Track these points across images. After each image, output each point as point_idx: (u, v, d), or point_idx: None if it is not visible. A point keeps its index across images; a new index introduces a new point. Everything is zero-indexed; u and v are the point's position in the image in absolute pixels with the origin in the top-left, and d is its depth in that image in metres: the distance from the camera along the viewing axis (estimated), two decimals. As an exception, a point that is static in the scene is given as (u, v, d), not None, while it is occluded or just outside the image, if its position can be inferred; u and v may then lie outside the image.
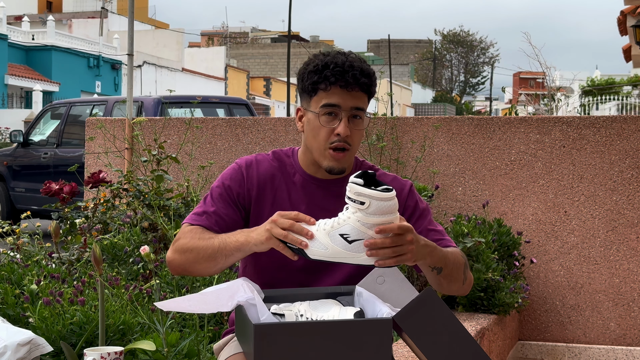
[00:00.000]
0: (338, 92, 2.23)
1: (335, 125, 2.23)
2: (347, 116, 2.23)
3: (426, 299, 1.92)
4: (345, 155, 2.25)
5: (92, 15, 40.48)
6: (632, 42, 15.02)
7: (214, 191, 2.31)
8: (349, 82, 2.22)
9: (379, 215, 1.94)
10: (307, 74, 2.27)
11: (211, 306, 2.02)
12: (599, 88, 27.21)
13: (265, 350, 1.88)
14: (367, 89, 2.26)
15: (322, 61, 2.25)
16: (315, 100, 2.26)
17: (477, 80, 73.16)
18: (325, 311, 2.04)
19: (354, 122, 2.25)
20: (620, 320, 4.93)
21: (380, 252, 1.95)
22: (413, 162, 5.20)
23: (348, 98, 2.23)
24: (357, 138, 2.27)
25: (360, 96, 2.25)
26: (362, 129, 2.27)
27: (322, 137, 2.25)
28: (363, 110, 2.26)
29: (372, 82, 2.27)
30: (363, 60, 2.30)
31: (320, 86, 2.24)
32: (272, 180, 2.32)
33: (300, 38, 58.18)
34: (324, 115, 2.24)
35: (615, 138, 4.94)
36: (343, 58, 2.25)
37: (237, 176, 2.32)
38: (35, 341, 2.50)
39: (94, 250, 2.50)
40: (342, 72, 2.22)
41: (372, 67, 2.34)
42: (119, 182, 4.57)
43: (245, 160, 2.35)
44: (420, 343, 1.91)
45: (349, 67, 2.22)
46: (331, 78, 2.22)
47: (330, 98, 2.23)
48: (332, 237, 1.97)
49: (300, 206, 2.29)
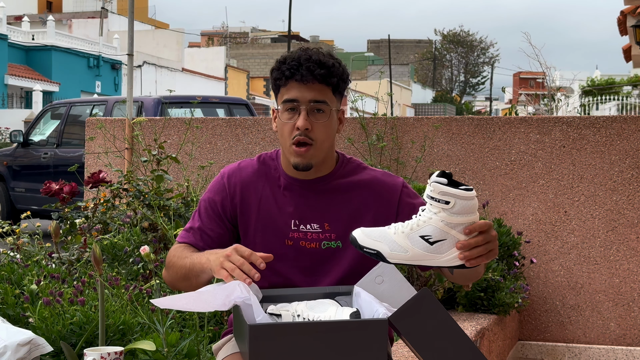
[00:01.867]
0: (295, 86, 2.21)
1: (295, 120, 2.22)
2: (306, 109, 2.21)
3: (422, 300, 1.92)
4: (308, 150, 2.22)
5: (92, 15, 40.47)
6: (632, 42, 15.02)
7: (201, 205, 2.33)
8: (304, 75, 2.20)
9: (463, 215, 1.91)
10: (272, 73, 2.28)
11: (207, 305, 2.03)
12: (599, 88, 27.21)
13: (260, 350, 1.88)
14: (325, 81, 2.22)
15: (282, 58, 2.25)
16: (279, 98, 2.26)
17: (477, 80, 73.14)
18: (322, 311, 2.04)
19: (315, 116, 2.22)
20: (620, 320, 4.93)
21: (473, 251, 1.94)
22: (413, 162, 5.20)
23: (305, 91, 2.21)
24: (321, 132, 2.23)
25: (320, 88, 2.22)
26: (324, 121, 2.23)
27: (286, 133, 2.24)
28: (324, 103, 2.23)
29: (331, 73, 2.22)
30: (328, 54, 2.27)
31: (279, 82, 2.24)
32: (255, 186, 2.31)
33: (300, 38, 58.17)
34: (285, 111, 2.24)
35: (615, 138, 4.94)
36: (301, 53, 2.23)
37: (220, 187, 2.33)
38: (35, 341, 2.50)
39: (94, 250, 2.50)
40: (297, 66, 2.20)
41: (372, 67, 2.32)
42: (119, 182, 4.57)
43: (228, 169, 2.35)
44: (416, 343, 1.91)
45: (305, 60, 2.21)
46: (286, 72, 2.21)
47: (289, 93, 2.22)
48: (411, 239, 1.94)
49: (288, 208, 2.28)
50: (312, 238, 2.27)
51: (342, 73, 2.26)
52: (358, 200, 2.30)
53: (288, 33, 31.58)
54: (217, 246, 2.26)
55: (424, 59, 72.48)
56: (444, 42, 71.98)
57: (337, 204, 2.29)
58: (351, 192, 2.31)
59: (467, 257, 1.93)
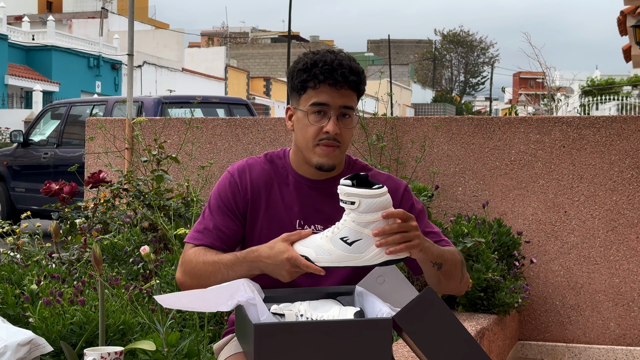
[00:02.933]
0: (327, 90, 2.22)
1: (324, 123, 2.22)
2: (336, 114, 2.23)
3: (426, 299, 1.92)
4: (335, 151, 2.24)
5: (92, 15, 40.47)
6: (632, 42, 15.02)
7: (211, 204, 2.31)
8: (338, 80, 2.20)
9: (372, 213, 1.96)
10: (296, 73, 2.26)
11: (211, 304, 2.02)
12: (599, 88, 27.21)
13: (265, 349, 1.88)
14: (356, 87, 2.24)
15: (311, 59, 2.24)
16: (304, 99, 2.25)
17: (477, 80, 73.17)
18: (325, 311, 2.04)
19: (342, 121, 2.24)
20: (620, 320, 4.93)
21: (389, 239, 1.97)
22: (413, 162, 5.20)
23: (337, 96, 2.22)
24: (347, 136, 2.25)
25: (349, 94, 2.24)
26: (351, 127, 2.26)
27: (311, 135, 2.24)
28: (352, 109, 2.25)
29: (361, 80, 2.25)
30: (352, 58, 2.29)
31: (309, 84, 2.23)
32: (265, 184, 2.31)
33: (300, 38, 58.18)
34: (312, 113, 2.24)
35: (615, 138, 4.94)
36: (332, 56, 2.23)
37: (231, 184, 2.31)
38: (35, 341, 2.50)
39: (94, 250, 2.50)
40: (330, 70, 2.21)
41: (372, 67, 2.33)
42: (119, 182, 4.57)
43: (237, 167, 2.34)
44: (420, 343, 1.91)
45: (338, 66, 2.21)
46: (320, 76, 2.21)
47: (319, 96, 2.23)
48: (334, 242, 2.00)
49: (294, 207, 2.29)
50: None
51: (365, 79, 2.30)
52: None
53: (288, 33, 31.57)
54: (233, 244, 2.27)
55: (424, 59, 72.50)
56: (444, 42, 72.01)
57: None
58: None
59: (384, 244, 1.97)
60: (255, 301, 1.99)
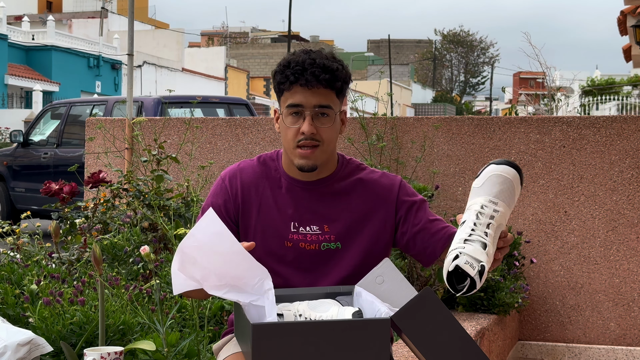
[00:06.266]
0: (300, 90, 2.21)
1: (300, 124, 2.22)
2: (311, 114, 2.21)
3: (425, 299, 1.92)
4: (314, 152, 2.23)
5: (92, 15, 40.47)
6: (632, 42, 15.02)
7: (204, 209, 2.30)
8: (309, 79, 2.19)
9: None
10: (274, 75, 2.27)
11: (241, 282, 1.99)
12: (599, 88, 27.21)
13: (263, 350, 1.88)
14: (330, 85, 2.22)
15: (285, 61, 2.24)
16: (282, 101, 2.25)
17: (477, 80, 73.14)
18: (324, 311, 2.04)
19: (319, 120, 2.22)
20: (620, 320, 4.93)
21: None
22: (413, 162, 5.20)
23: (310, 96, 2.21)
24: (327, 134, 2.24)
25: (324, 93, 2.22)
26: (329, 126, 2.24)
27: (290, 137, 2.23)
28: (329, 107, 2.23)
29: (335, 78, 2.22)
30: (330, 56, 2.26)
31: (283, 86, 2.23)
32: (256, 187, 2.31)
33: (300, 38, 58.17)
34: (288, 115, 2.23)
35: (615, 138, 4.94)
36: (305, 56, 2.22)
37: (221, 190, 2.32)
38: (35, 341, 2.50)
39: (94, 250, 2.50)
40: (302, 71, 2.20)
41: (372, 67, 2.33)
42: (119, 182, 4.57)
43: (229, 171, 2.35)
44: (419, 343, 1.91)
45: (309, 65, 2.20)
46: (291, 77, 2.20)
47: (294, 98, 2.22)
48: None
49: (288, 210, 2.28)
50: (312, 240, 2.27)
51: (345, 76, 2.26)
52: (357, 202, 2.30)
53: (288, 33, 31.57)
54: None
55: (424, 59, 72.48)
56: (444, 42, 71.98)
57: (336, 205, 2.29)
58: (351, 194, 2.31)
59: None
60: (260, 302, 1.98)
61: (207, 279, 2.00)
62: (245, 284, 1.99)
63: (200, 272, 2.00)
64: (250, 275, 1.99)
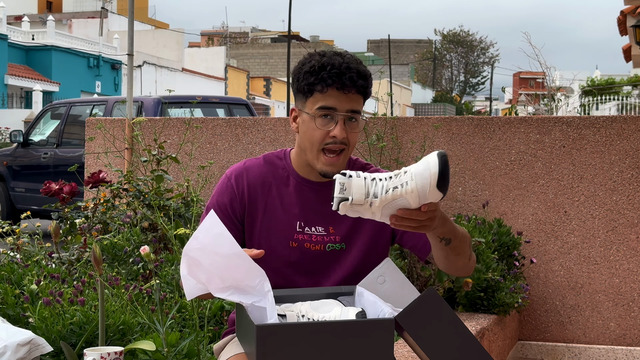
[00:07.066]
0: (334, 94, 2.20)
1: (330, 127, 2.21)
2: (344, 119, 2.21)
3: (428, 299, 1.92)
4: (340, 158, 2.23)
5: (92, 15, 40.47)
6: (632, 42, 15.02)
7: (208, 210, 2.30)
8: (346, 84, 2.19)
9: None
10: (303, 75, 2.24)
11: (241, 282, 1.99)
12: (599, 88, 27.21)
13: (267, 350, 1.87)
14: (363, 91, 2.23)
15: (318, 62, 2.22)
16: (310, 102, 2.23)
17: (477, 80, 73.17)
18: (327, 311, 2.04)
19: (349, 125, 2.23)
20: (620, 320, 4.93)
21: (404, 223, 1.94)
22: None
23: (344, 100, 2.20)
24: (353, 140, 2.24)
25: (357, 98, 2.22)
26: (357, 131, 2.25)
27: (317, 138, 2.22)
28: (359, 113, 2.24)
29: (368, 84, 2.24)
30: (360, 61, 2.27)
31: (316, 88, 2.21)
32: (262, 186, 2.30)
33: (300, 38, 58.17)
34: (319, 117, 2.22)
35: (615, 138, 4.94)
36: (340, 59, 2.22)
37: (227, 188, 2.31)
38: (35, 341, 2.50)
39: (94, 250, 2.49)
40: (339, 74, 2.19)
41: (372, 67, 2.33)
42: (119, 182, 4.56)
43: (234, 170, 2.33)
44: (423, 343, 1.91)
45: (346, 69, 2.19)
46: (328, 80, 2.19)
47: (327, 100, 2.21)
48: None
49: (294, 209, 2.28)
50: (317, 240, 2.27)
51: (372, 82, 2.28)
52: None
53: (288, 33, 31.56)
54: None
55: (424, 59, 72.49)
56: (444, 42, 72.00)
57: None
58: None
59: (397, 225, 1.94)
60: (262, 303, 1.98)
61: (211, 281, 1.99)
62: (247, 285, 1.99)
63: (204, 275, 2.00)
64: (250, 277, 1.99)
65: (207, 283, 2.00)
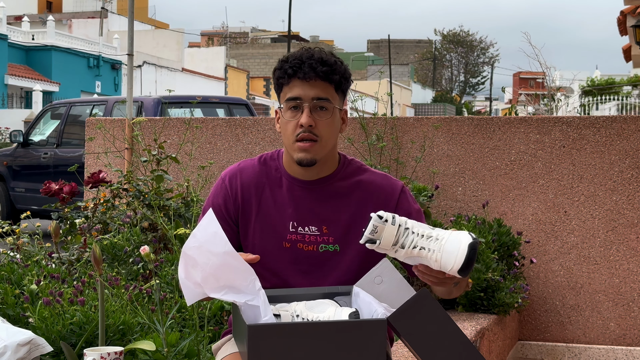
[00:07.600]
0: (298, 84, 2.22)
1: (299, 117, 2.22)
2: (309, 107, 2.22)
3: (420, 300, 1.92)
4: (312, 146, 2.22)
5: (92, 15, 40.47)
6: (632, 42, 15.02)
7: (205, 211, 2.31)
8: (307, 72, 2.21)
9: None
10: (273, 73, 2.29)
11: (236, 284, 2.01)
12: (599, 88, 27.20)
13: (259, 350, 1.88)
14: (327, 78, 2.23)
15: (284, 58, 2.27)
16: (282, 97, 2.27)
17: (477, 80, 73.15)
18: (321, 312, 2.04)
19: (318, 113, 2.23)
20: (620, 320, 4.93)
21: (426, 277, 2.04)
22: (413, 162, 5.20)
23: (308, 89, 2.22)
24: (325, 129, 2.24)
25: (322, 85, 2.23)
26: (327, 119, 2.24)
27: (290, 131, 2.24)
28: (327, 100, 2.23)
29: (333, 71, 2.23)
30: (328, 53, 2.28)
31: (282, 81, 2.25)
32: (256, 187, 2.31)
33: (300, 38, 58.16)
34: (288, 110, 2.24)
35: (615, 138, 4.94)
36: (303, 52, 2.25)
37: (222, 190, 2.32)
38: (35, 341, 2.50)
39: (94, 250, 2.50)
40: (299, 64, 2.22)
41: (372, 67, 2.33)
42: (119, 182, 4.57)
43: (229, 171, 2.35)
44: (414, 344, 1.91)
45: (307, 58, 2.22)
46: (289, 70, 2.22)
47: (292, 91, 2.23)
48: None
49: (287, 209, 2.28)
50: (310, 241, 2.26)
51: (344, 71, 2.27)
52: (357, 204, 2.29)
53: (288, 33, 31.56)
54: None
55: (424, 59, 72.48)
56: (443, 42, 71.99)
57: (336, 207, 2.28)
58: (350, 195, 2.30)
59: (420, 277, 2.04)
60: (255, 302, 1.98)
61: (206, 281, 2.00)
62: (240, 284, 2.00)
63: (200, 274, 2.00)
64: (242, 276, 2.00)
65: (203, 283, 2.01)
